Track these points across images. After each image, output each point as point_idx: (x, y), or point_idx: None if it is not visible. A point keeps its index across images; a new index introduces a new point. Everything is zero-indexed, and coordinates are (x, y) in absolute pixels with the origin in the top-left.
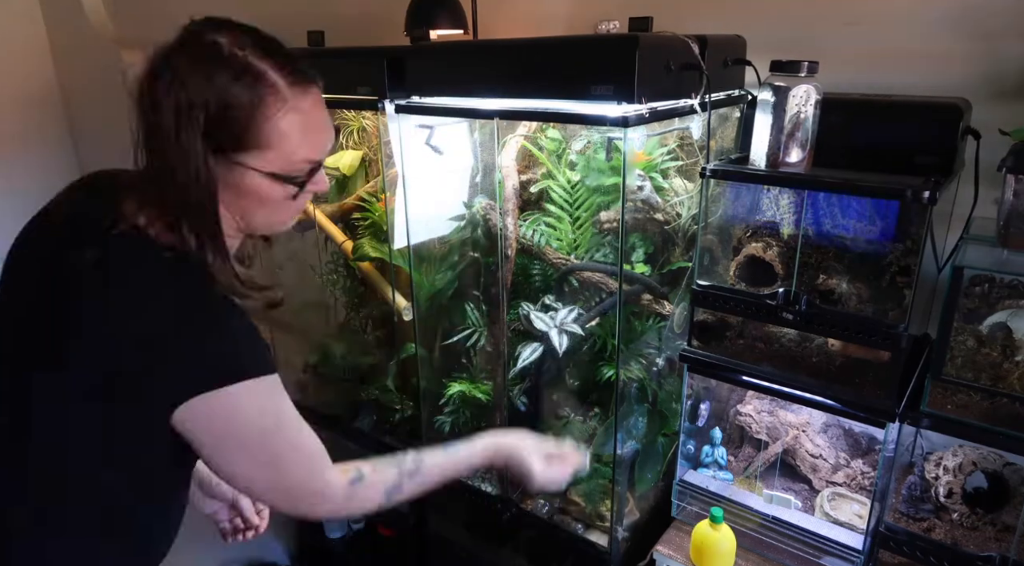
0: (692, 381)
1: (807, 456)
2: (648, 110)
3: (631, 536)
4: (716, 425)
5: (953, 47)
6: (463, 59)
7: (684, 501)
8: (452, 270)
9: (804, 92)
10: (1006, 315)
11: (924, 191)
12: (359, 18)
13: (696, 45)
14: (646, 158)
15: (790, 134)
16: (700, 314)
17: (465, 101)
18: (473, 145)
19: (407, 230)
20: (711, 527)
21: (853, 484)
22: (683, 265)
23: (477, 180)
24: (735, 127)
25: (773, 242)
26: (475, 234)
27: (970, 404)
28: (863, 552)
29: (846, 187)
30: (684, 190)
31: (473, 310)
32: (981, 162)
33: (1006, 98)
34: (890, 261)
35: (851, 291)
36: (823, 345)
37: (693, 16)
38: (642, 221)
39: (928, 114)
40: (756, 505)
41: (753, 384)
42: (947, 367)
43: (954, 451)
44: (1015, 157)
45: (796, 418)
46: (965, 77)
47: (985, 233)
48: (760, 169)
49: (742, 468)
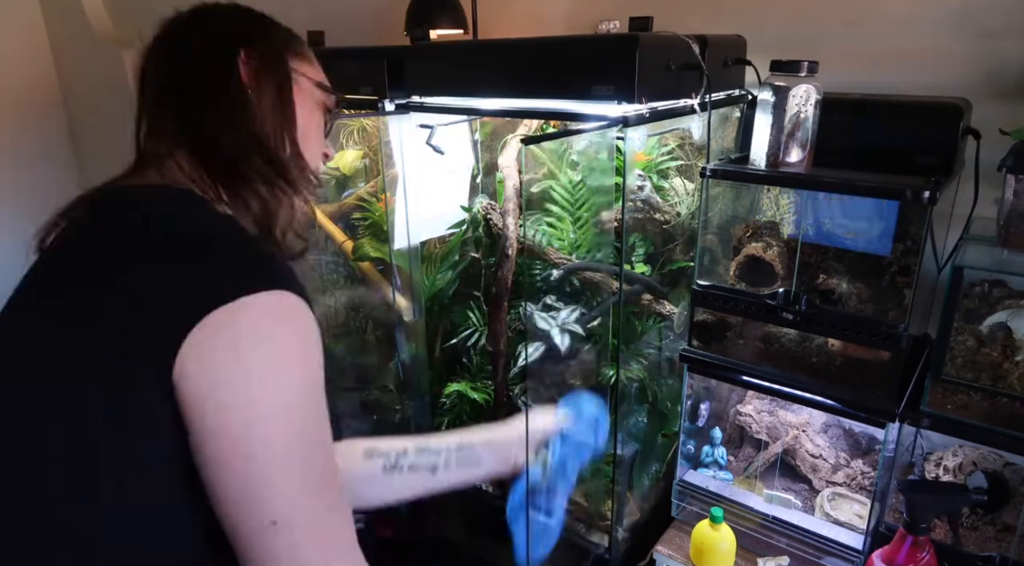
0: (692, 381)
1: (807, 456)
2: (648, 110)
3: (631, 536)
4: (716, 425)
5: (953, 47)
6: (463, 59)
7: (684, 501)
8: (452, 270)
9: (804, 92)
10: (1006, 315)
11: (924, 191)
12: (359, 18)
13: (696, 45)
14: (646, 158)
15: (790, 134)
16: (700, 314)
17: (465, 101)
18: (473, 145)
19: (407, 230)
20: (711, 527)
21: (853, 484)
22: (683, 265)
23: (478, 180)
24: (735, 127)
25: (773, 242)
26: (475, 234)
27: (970, 404)
28: (863, 552)
29: (846, 187)
30: (684, 190)
31: (473, 310)
32: (981, 162)
33: (1006, 98)
34: (890, 261)
35: (851, 291)
36: (823, 345)
37: (693, 16)
38: (642, 221)
39: (928, 114)
40: (756, 505)
41: (753, 384)
42: (947, 367)
43: (954, 451)
44: (1015, 157)
45: (796, 418)
46: (965, 77)
47: (985, 233)
48: (760, 169)
49: (742, 468)
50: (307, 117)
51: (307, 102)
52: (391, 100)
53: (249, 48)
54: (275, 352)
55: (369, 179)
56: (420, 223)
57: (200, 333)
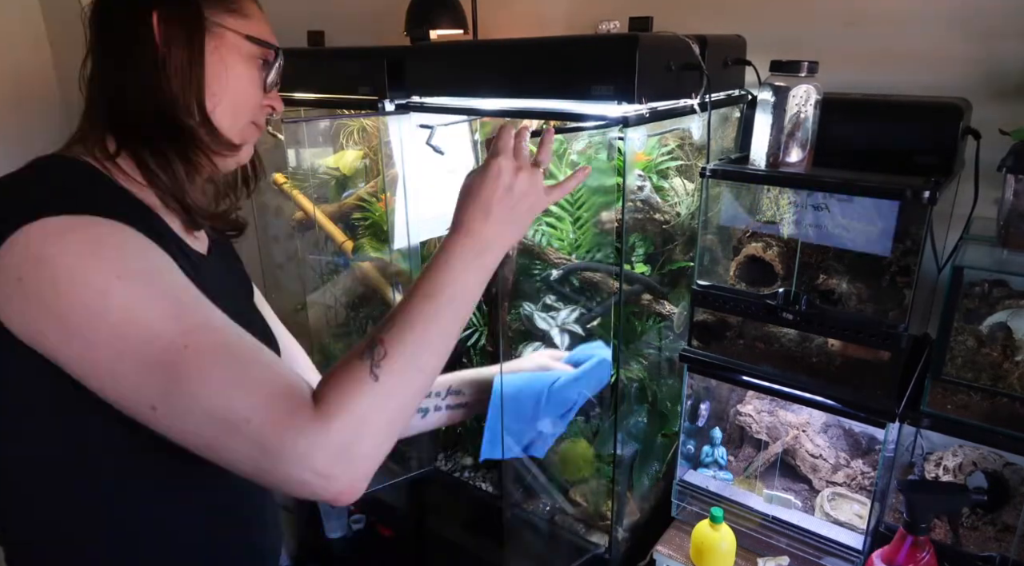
0: (692, 381)
1: (807, 456)
2: (648, 110)
3: (631, 536)
4: (716, 425)
5: (953, 47)
6: (463, 59)
7: (684, 501)
8: None
9: (804, 92)
10: (1006, 315)
11: (924, 191)
12: (359, 18)
13: (696, 45)
14: (646, 158)
15: (790, 134)
16: (700, 314)
17: (465, 101)
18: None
19: (407, 230)
20: (711, 527)
21: (853, 484)
22: (683, 265)
23: None
24: (735, 127)
25: (773, 242)
26: None
27: (970, 404)
28: (863, 552)
29: (846, 187)
30: (684, 190)
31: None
32: (981, 162)
33: (1006, 98)
34: (890, 261)
35: (851, 291)
36: (823, 345)
37: (693, 16)
38: (642, 221)
39: (928, 114)
40: (756, 505)
41: (753, 384)
42: (947, 367)
43: (954, 451)
44: (1015, 157)
45: (796, 418)
46: (965, 77)
47: (985, 233)
48: (760, 169)
49: (742, 468)
50: (234, 74)
51: (232, 57)
52: (391, 100)
53: (161, 7)
54: (53, 272)
55: (369, 179)
56: (420, 223)
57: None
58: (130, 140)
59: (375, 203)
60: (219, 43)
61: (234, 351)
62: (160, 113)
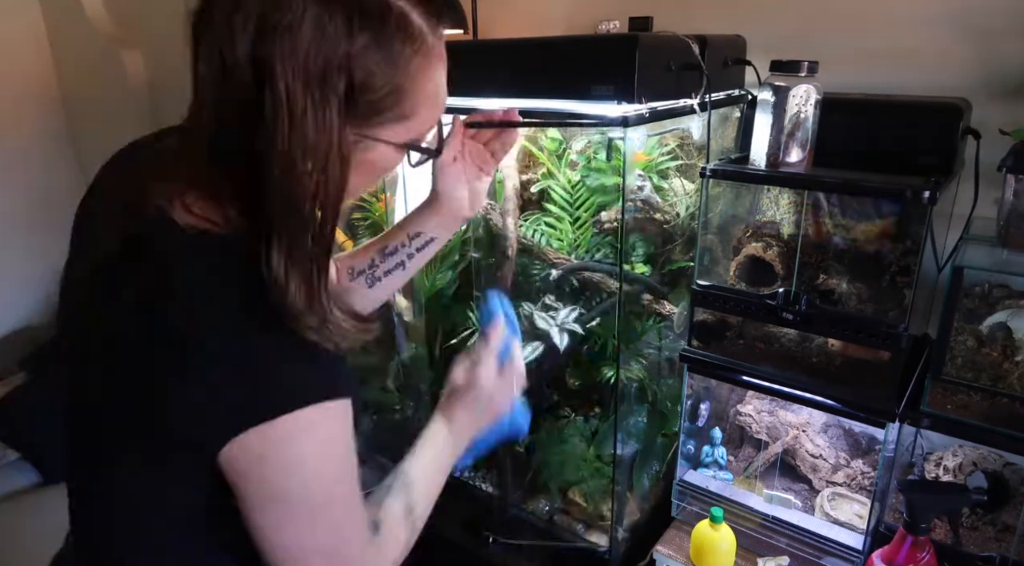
0: (692, 381)
1: (807, 456)
2: (648, 110)
3: (631, 536)
4: (716, 425)
5: (953, 47)
6: (463, 59)
7: (684, 501)
8: (452, 270)
9: (804, 92)
10: (1006, 315)
11: (924, 191)
12: None
13: (696, 45)
14: (646, 158)
15: (790, 134)
16: (700, 314)
17: (465, 101)
18: None
19: None
20: (711, 527)
21: (853, 484)
22: (683, 265)
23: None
24: (735, 127)
25: (773, 242)
26: (475, 234)
27: (970, 404)
28: (863, 552)
29: (846, 187)
30: (684, 190)
31: (473, 310)
32: (981, 162)
33: (1006, 98)
34: (890, 261)
35: (851, 291)
36: (823, 345)
37: (693, 16)
38: (642, 221)
39: (928, 114)
40: (756, 505)
41: (753, 384)
42: (947, 367)
43: (954, 451)
44: (1015, 157)
45: (796, 418)
46: (965, 77)
47: (985, 233)
48: (760, 169)
49: (742, 468)
50: (373, 173)
51: (380, 163)
52: None
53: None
54: (299, 454)
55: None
56: None
57: (236, 445)
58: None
59: (375, 203)
60: (364, 156)
61: (349, 502)
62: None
